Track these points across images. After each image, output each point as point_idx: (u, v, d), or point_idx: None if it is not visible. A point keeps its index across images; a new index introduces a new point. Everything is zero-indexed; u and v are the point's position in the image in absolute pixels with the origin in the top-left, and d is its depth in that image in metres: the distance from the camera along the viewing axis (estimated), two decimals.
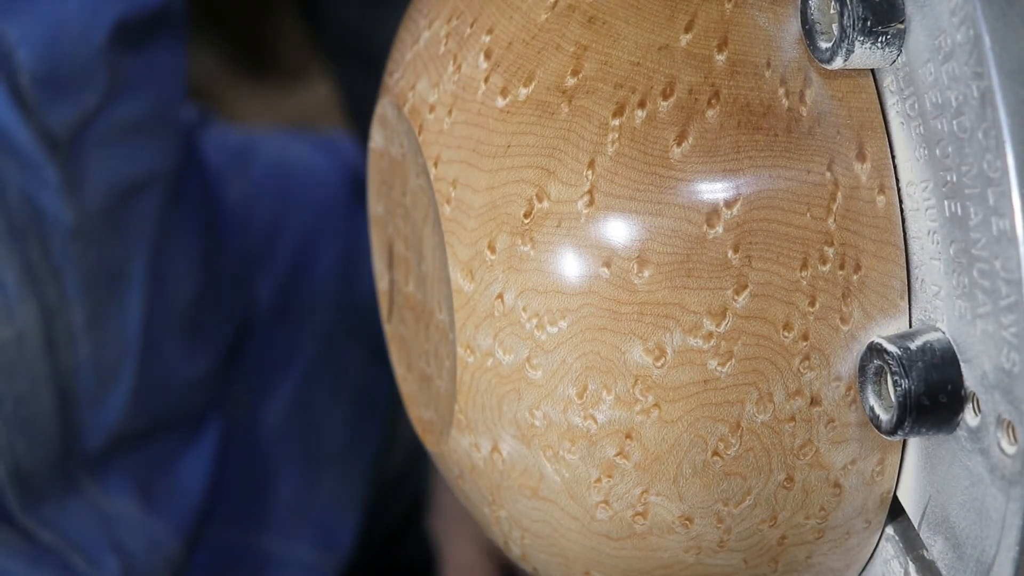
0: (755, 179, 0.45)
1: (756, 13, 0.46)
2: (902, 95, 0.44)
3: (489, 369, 0.47)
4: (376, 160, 0.54)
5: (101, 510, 0.76)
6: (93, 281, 0.73)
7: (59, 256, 0.71)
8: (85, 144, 0.72)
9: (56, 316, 0.71)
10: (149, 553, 0.77)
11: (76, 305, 0.72)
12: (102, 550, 0.75)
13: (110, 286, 0.74)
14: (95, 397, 0.74)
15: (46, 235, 0.70)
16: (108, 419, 0.75)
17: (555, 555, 0.49)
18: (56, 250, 0.71)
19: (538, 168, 0.46)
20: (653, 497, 0.46)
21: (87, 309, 0.73)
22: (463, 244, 0.47)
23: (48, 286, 0.71)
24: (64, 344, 0.72)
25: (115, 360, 0.75)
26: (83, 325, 0.73)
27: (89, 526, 0.75)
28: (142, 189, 0.75)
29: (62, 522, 0.74)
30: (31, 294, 0.70)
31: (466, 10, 0.48)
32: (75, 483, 0.75)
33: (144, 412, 0.77)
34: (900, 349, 0.43)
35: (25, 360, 0.71)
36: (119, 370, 0.75)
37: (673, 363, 0.45)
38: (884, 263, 0.45)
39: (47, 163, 0.70)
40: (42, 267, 0.70)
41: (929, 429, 0.43)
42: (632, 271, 0.45)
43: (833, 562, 0.48)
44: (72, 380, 0.73)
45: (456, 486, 0.51)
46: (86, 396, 0.74)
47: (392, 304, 0.55)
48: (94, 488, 0.76)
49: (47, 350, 0.71)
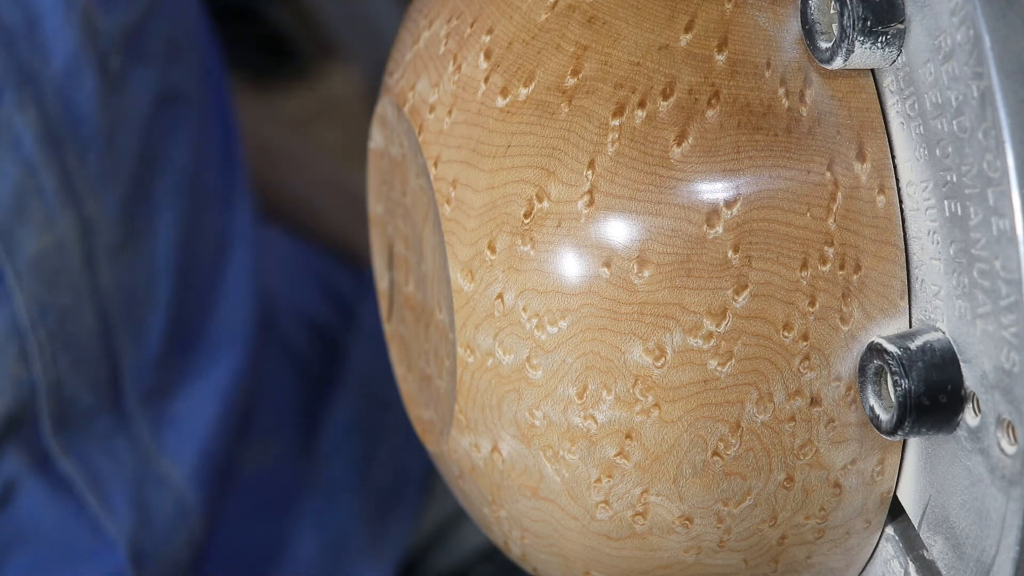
0: (755, 179, 0.45)
1: (756, 13, 0.46)
2: (902, 95, 0.44)
3: (489, 369, 0.47)
4: (376, 160, 0.54)
5: (145, 461, 0.75)
6: (130, 199, 0.73)
7: (99, 169, 0.71)
8: (132, 54, 0.72)
9: (95, 231, 0.71)
10: (173, 522, 0.76)
11: (115, 222, 0.72)
12: (122, 500, 0.74)
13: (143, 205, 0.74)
14: (135, 324, 0.74)
15: (85, 145, 0.70)
16: (151, 350, 0.75)
17: (555, 555, 0.49)
18: (96, 163, 0.71)
19: (538, 168, 0.46)
20: (653, 497, 0.46)
21: (122, 229, 0.72)
22: (463, 244, 0.47)
23: (87, 198, 0.71)
24: (104, 263, 0.72)
25: (147, 286, 0.74)
26: (118, 246, 0.72)
27: (121, 469, 0.74)
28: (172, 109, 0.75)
29: (93, 458, 0.73)
30: (71, 203, 0.70)
31: (466, 10, 0.48)
32: (128, 424, 0.74)
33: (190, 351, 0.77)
34: (900, 349, 0.43)
35: (67, 272, 0.70)
36: (154, 297, 0.75)
37: (673, 363, 0.45)
38: (884, 263, 0.45)
39: (90, 70, 0.69)
40: (81, 177, 0.70)
41: (929, 429, 0.43)
42: (632, 271, 0.45)
43: (833, 562, 0.48)
44: (112, 302, 0.73)
45: (456, 486, 0.51)
46: (126, 321, 0.73)
47: (392, 304, 0.55)
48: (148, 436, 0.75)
49: (87, 265, 0.71)
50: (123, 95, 0.72)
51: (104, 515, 0.74)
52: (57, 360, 0.71)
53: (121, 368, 0.74)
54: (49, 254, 0.70)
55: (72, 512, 0.73)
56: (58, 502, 0.73)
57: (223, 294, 0.81)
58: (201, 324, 0.79)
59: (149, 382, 0.75)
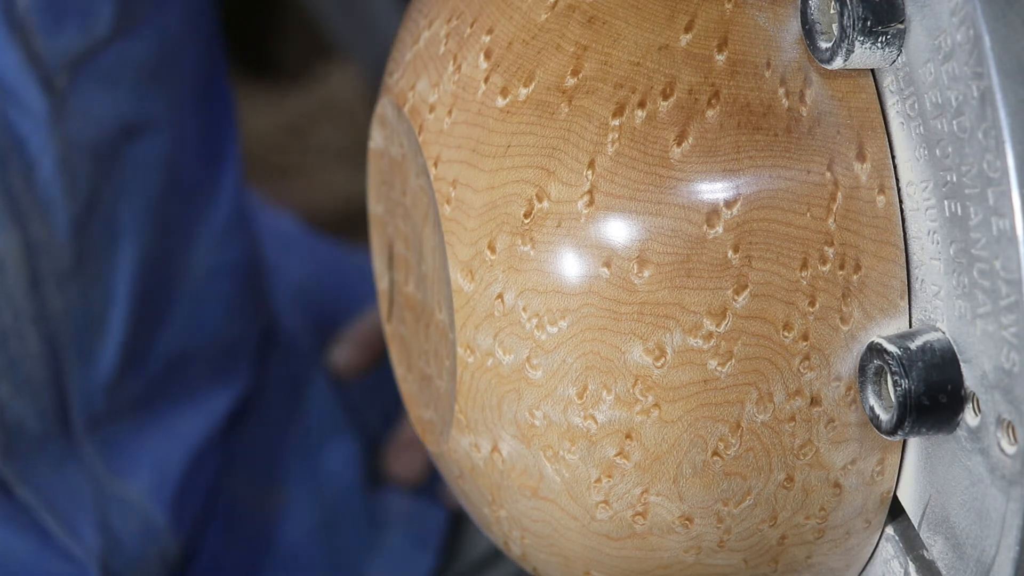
0: (755, 179, 0.45)
1: (756, 13, 0.46)
2: (902, 95, 0.44)
3: (489, 369, 0.47)
4: (376, 160, 0.54)
5: (99, 484, 0.75)
6: (84, 224, 0.71)
7: (47, 190, 0.70)
8: (89, 78, 0.71)
9: (42, 252, 0.70)
10: (141, 541, 0.76)
11: (65, 246, 0.71)
12: (85, 523, 0.73)
13: (103, 230, 0.73)
14: (85, 349, 0.73)
15: (30, 166, 0.69)
16: (101, 375, 0.74)
17: (555, 555, 0.49)
18: (43, 184, 0.69)
19: (538, 168, 0.46)
20: (653, 497, 0.46)
21: (74, 254, 0.71)
22: (463, 244, 0.47)
23: (33, 219, 0.70)
24: (51, 287, 0.71)
25: (102, 310, 0.73)
26: (68, 270, 0.71)
27: (79, 495, 0.74)
28: (142, 135, 0.74)
29: (48, 484, 0.72)
30: (13, 223, 0.69)
31: (466, 10, 0.48)
32: (76, 448, 0.74)
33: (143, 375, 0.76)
34: (900, 349, 0.43)
35: (7, 292, 0.69)
36: (107, 322, 0.74)
37: (673, 363, 0.45)
38: (884, 263, 0.45)
39: (34, 91, 0.68)
40: (25, 197, 0.69)
41: (929, 429, 0.43)
42: (632, 271, 0.45)
43: (833, 562, 0.48)
44: (59, 327, 0.72)
45: (456, 486, 0.51)
46: (75, 346, 0.72)
47: (392, 304, 0.55)
48: (98, 461, 0.75)
49: (31, 287, 0.70)
50: (76, 118, 0.71)
51: (71, 540, 0.73)
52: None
53: (69, 394, 0.73)
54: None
55: (37, 540, 0.73)
56: (21, 532, 0.73)
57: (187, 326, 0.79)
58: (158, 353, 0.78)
59: (98, 407, 0.74)
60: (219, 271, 0.80)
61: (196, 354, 0.80)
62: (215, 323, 0.81)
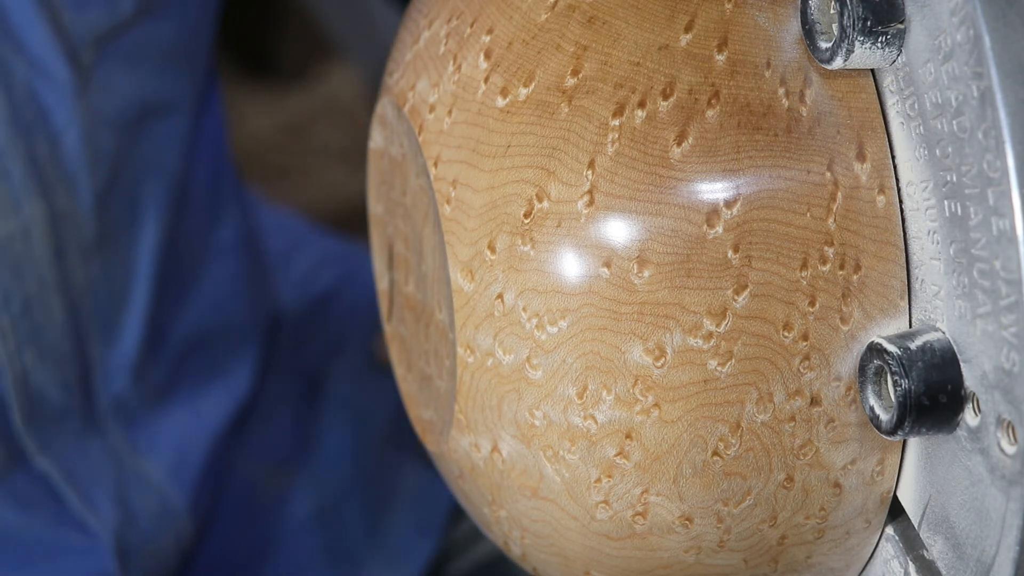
0: (755, 179, 0.45)
1: (756, 13, 0.46)
2: (902, 95, 0.44)
3: (489, 369, 0.47)
4: (376, 160, 0.54)
5: (121, 461, 0.75)
6: (107, 198, 0.72)
7: (71, 162, 0.70)
8: (114, 56, 0.71)
9: (66, 224, 0.71)
10: (157, 520, 0.76)
11: (89, 219, 0.72)
12: (104, 497, 0.74)
13: (124, 206, 0.74)
14: (108, 324, 0.73)
15: (56, 137, 0.70)
16: (124, 353, 0.74)
17: (555, 555, 0.49)
18: (68, 156, 0.70)
19: (538, 168, 0.46)
20: (653, 497, 0.46)
21: (97, 226, 0.72)
22: (463, 244, 0.47)
23: (58, 190, 0.70)
24: (75, 258, 0.71)
25: (124, 286, 0.74)
26: (94, 241, 0.72)
27: (99, 469, 0.74)
28: (162, 115, 0.75)
29: (69, 455, 0.73)
30: (39, 192, 0.69)
31: (466, 10, 0.48)
32: (100, 426, 0.74)
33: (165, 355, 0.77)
34: (900, 349, 0.43)
35: (33, 259, 0.70)
36: (129, 298, 0.74)
37: (673, 363, 0.45)
38: (884, 263, 0.45)
39: (61, 65, 0.69)
40: (51, 168, 0.70)
41: (929, 429, 0.43)
42: (632, 271, 0.45)
43: (833, 562, 0.48)
44: (83, 299, 0.72)
45: (456, 486, 0.51)
46: (99, 320, 0.73)
47: (392, 304, 0.55)
48: (120, 439, 0.75)
49: (56, 258, 0.71)
50: (101, 93, 0.72)
51: (87, 512, 0.73)
52: (22, 350, 0.70)
53: (93, 369, 0.74)
54: (13, 240, 0.69)
55: (54, 510, 0.73)
56: (36, 506, 0.73)
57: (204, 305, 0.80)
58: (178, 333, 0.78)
59: (122, 386, 0.75)
60: (231, 250, 0.81)
61: (216, 334, 0.81)
62: (232, 302, 0.82)
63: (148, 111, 0.75)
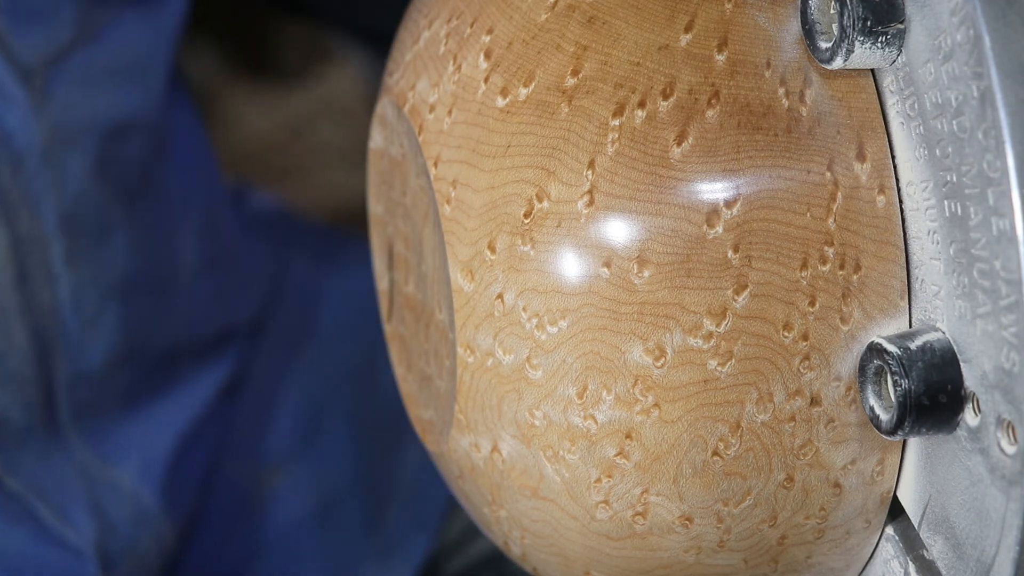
0: (755, 179, 0.45)
1: (756, 13, 0.46)
2: (902, 95, 0.44)
3: (489, 369, 0.47)
4: (376, 160, 0.54)
5: (87, 471, 0.74)
6: (73, 220, 0.72)
7: (33, 186, 0.70)
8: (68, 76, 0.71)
9: (30, 249, 0.70)
10: (135, 526, 0.75)
11: (54, 240, 0.71)
12: (77, 508, 0.73)
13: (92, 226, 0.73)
14: (75, 343, 0.73)
15: (17, 159, 0.69)
16: (91, 368, 0.74)
17: (555, 555, 0.49)
18: (29, 178, 0.70)
19: (538, 168, 0.46)
20: (653, 497, 0.46)
21: (64, 247, 0.71)
22: (463, 244, 0.47)
23: (21, 214, 0.70)
24: (41, 281, 0.71)
25: (93, 305, 0.73)
26: (62, 262, 0.72)
27: (68, 482, 0.73)
28: (123, 135, 0.74)
29: (37, 473, 0.72)
30: (1, 219, 0.69)
31: (466, 10, 0.48)
32: (62, 439, 0.73)
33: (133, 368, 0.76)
34: (900, 349, 0.43)
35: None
36: (99, 317, 0.74)
37: (673, 363, 0.45)
38: (884, 263, 0.45)
39: (16, 87, 0.69)
40: (13, 193, 0.70)
41: (929, 429, 0.43)
42: (632, 271, 0.45)
43: (833, 562, 0.48)
44: (50, 320, 0.72)
45: (456, 486, 0.51)
46: (65, 340, 0.72)
47: (392, 304, 0.55)
48: (84, 449, 0.75)
49: (19, 284, 0.70)
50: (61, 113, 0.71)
51: (65, 528, 0.73)
52: None
53: (55, 386, 0.73)
54: None
55: (31, 531, 0.73)
56: (14, 523, 0.73)
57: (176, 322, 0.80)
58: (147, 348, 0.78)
59: (84, 397, 0.74)
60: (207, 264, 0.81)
61: (186, 346, 0.80)
62: (205, 315, 0.81)
63: (112, 131, 0.74)
